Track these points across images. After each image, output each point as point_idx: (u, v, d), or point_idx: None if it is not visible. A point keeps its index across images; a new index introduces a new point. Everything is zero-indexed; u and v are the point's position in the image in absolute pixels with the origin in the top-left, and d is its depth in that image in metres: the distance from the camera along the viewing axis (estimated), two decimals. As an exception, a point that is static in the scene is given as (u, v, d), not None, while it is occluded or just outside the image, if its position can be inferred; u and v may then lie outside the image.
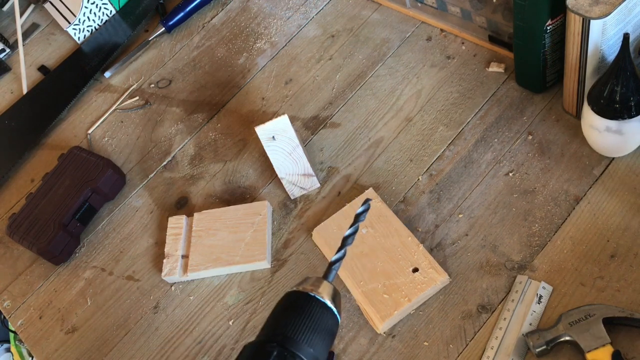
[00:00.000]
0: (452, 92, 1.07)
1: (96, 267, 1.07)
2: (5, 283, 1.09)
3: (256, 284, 0.98)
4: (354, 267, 0.93)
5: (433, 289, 0.89)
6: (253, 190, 1.07)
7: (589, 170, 0.94)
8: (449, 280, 0.90)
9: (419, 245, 0.92)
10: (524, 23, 0.92)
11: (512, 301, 0.86)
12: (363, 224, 0.95)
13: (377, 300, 0.89)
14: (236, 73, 1.21)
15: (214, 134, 1.15)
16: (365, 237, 0.94)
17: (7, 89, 1.35)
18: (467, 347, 0.86)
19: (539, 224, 0.92)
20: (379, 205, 0.97)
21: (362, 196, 0.98)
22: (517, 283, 0.87)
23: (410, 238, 0.93)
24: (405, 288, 0.89)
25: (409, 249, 0.92)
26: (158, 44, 1.31)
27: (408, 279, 0.90)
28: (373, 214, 0.96)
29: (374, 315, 0.89)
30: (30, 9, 1.46)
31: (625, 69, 0.83)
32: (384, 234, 0.94)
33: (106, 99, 1.26)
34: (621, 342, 0.80)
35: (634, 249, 0.87)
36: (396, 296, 0.89)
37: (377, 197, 0.97)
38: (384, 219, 0.95)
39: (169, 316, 0.99)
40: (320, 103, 1.13)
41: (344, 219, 0.97)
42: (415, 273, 0.90)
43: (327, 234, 0.97)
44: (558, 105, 1.01)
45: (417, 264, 0.91)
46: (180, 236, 1.02)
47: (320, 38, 1.20)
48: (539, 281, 0.86)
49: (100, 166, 1.10)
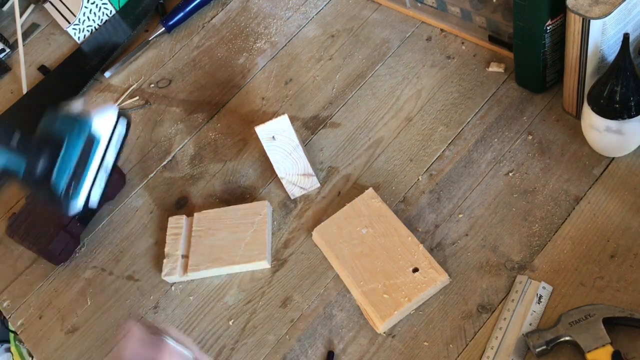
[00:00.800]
0: (452, 92, 1.07)
1: (96, 267, 1.07)
2: (5, 283, 1.09)
3: (256, 284, 0.98)
4: (354, 267, 0.93)
5: (433, 289, 0.89)
6: (253, 190, 1.07)
7: (589, 170, 0.94)
8: (449, 280, 0.90)
9: (419, 245, 0.92)
10: (524, 23, 0.92)
11: (512, 301, 0.86)
12: (363, 224, 0.95)
13: (377, 300, 0.89)
14: (236, 73, 1.21)
15: (214, 134, 1.15)
16: (365, 237, 0.94)
17: (7, 89, 1.35)
18: (467, 347, 0.86)
19: (539, 224, 0.92)
20: (379, 205, 0.97)
21: (362, 196, 0.98)
22: (517, 283, 0.87)
23: (410, 238, 0.93)
24: (406, 288, 0.89)
25: (409, 249, 0.92)
26: (158, 44, 1.31)
27: (408, 279, 0.90)
28: (373, 213, 0.96)
29: (374, 315, 0.89)
30: (30, 9, 1.46)
31: (625, 69, 0.83)
32: (383, 234, 0.94)
33: (106, 99, 1.26)
34: (621, 342, 0.80)
35: (634, 249, 0.87)
36: (396, 296, 0.89)
37: (377, 197, 0.97)
38: (384, 219, 0.95)
39: (169, 316, 0.99)
40: (320, 103, 1.13)
41: (344, 219, 0.97)
42: (416, 273, 0.90)
43: (327, 234, 0.97)
44: (558, 105, 1.01)
45: (417, 264, 0.91)
46: (180, 236, 1.02)
47: (320, 38, 1.20)
48: (539, 281, 0.86)
49: (100, 166, 1.09)
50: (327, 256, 0.97)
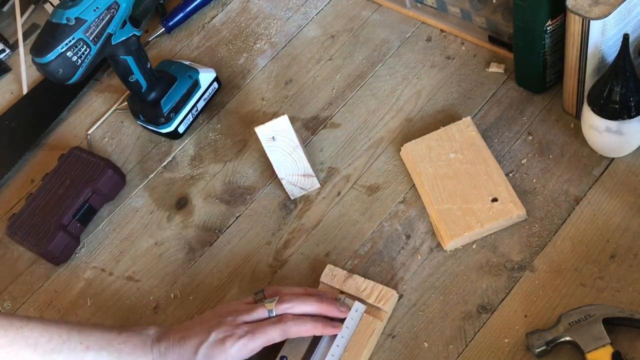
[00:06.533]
0: (452, 92, 1.07)
1: (96, 268, 1.07)
2: (5, 284, 1.09)
3: (256, 284, 0.98)
4: (435, 186, 0.95)
5: (507, 221, 0.91)
6: (253, 190, 1.07)
7: (589, 171, 0.94)
8: (525, 216, 0.91)
9: (504, 178, 0.93)
10: (524, 23, 0.92)
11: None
12: (452, 148, 0.97)
13: (450, 219, 0.92)
14: (236, 73, 1.21)
15: (214, 134, 1.15)
16: (452, 161, 0.96)
17: (7, 89, 1.35)
18: (467, 348, 0.86)
19: (539, 224, 0.92)
20: (473, 134, 0.98)
21: (458, 123, 0.99)
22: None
23: (497, 169, 0.94)
24: (480, 214, 0.91)
25: (493, 180, 0.94)
26: (158, 44, 1.31)
27: (485, 206, 0.92)
28: (465, 141, 0.98)
29: (444, 232, 0.91)
30: (30, 9, 1.46)
31: (625, 69, 0.83)
32: (471, 161, 0.96)
33: (106, 99, 1.26)
34: (621, 343, 0.80)
35: (634, 249, 0.87)
36: (470, 219, 0.91)
37: (473, 126, 0.99)
38: (474, 148, 0.97)
39: (169, 317, 0.99)
40: (320, 103, 1.13)
41: (435, 141, 0.99)
42: (494, 202, 0.92)
43: (415, 151, 0.99)
44: (558, 105, 1.01)
45: (498, 195, 0.92)
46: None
47: (320, 38, 1.20)
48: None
49: (100, 166, 1.10)
50: (411, 172, 0.99)
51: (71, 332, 0.82)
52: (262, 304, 0.86)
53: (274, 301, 0.86)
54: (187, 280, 1.01)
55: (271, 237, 1.02)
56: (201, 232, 1.05)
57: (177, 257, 1.04)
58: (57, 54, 0.95)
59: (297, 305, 0.86)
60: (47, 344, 0.81)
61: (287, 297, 0.87)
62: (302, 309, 0.86)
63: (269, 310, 0.85)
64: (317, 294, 0.89)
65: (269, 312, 0.85)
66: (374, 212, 0.99)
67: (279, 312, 0.85)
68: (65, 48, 0.95)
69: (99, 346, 0.82)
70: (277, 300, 0.86)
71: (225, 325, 0.84)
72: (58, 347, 0.81)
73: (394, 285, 0.92)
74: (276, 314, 0.85)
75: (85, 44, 0.97)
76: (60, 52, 0.95)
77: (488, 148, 0.97)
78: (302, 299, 0.87)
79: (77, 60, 0.97)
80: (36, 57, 0.95)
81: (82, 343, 0.82)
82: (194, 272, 1.02)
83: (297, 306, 0.86)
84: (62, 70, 0.97)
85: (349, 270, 0.94)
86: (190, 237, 1.05)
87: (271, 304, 0.85)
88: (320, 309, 0.86)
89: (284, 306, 0.85)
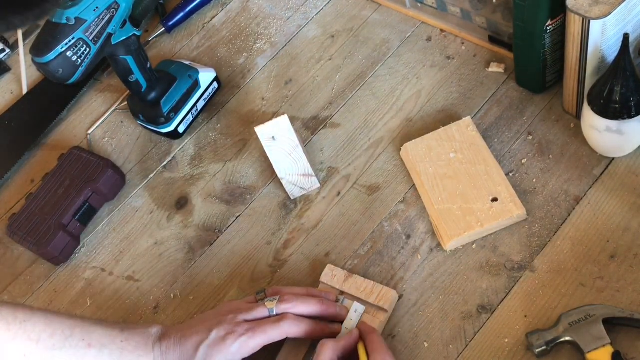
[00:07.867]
0: (452, 92, 1.07)
1: (96, 268, 1.07)
2: (5, 283, 1.09)
3: (256, 284, 0.98)
4: (435, 186, 0.95)
5: (507, 221, 0.91)
6: (253, 190, 1.07)
7: (589, 171, 0.94)
8: (525, 216, 0.91)
9: (504, 178, 0.93)
10: (524, 23, 0.92)
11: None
12: (452, 148, 0.97)
13: (450, 219, 0.92)
14: (236, 73, 1.21)
15: (214, 134, 1.15)
16: (452, 161, 0.96)
17: (7, 89, 1.35)
18: (467, 348, 0.86)
19: (539, 224, 0.92)
20: (473, 134, 0.98)
21: (458, 123, 0.99)
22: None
23: (497, 169, 0.94)
24: (480, 214, 0.91)
25: (493, 180, 0.94)
26: (158, 44, 1.31)
27: (485, 206, 0.92)
28: (465, 140, 0.98)
29: (444, 232, 0.91)
30: (30, 9, 1.46)
31: (625, 69, 0.83)
32: (471, 161, 0.96)
33: (106, 99, 1.26)
34: (621, 343, 0.80)
35: (634, 249, 0.87)
36: (470, 219, 0.91)
37: (473, 126, 0.99)
38: (474, 147, 0.97)
39: (169, 316, 0.99)
40: (320, 103, 1.13)
41: (435, 141, 0.99)
42: (494, 202, 0.92)
43: (416, 150, 0.99)
44: (558, 105, 1.01)
45: (498, 195, 0.92)
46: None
47: (320, 38, 1.20)
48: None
49: (100, 166, 1.10)
50: (411, 172, 0.99)
51: (74, 328, 0.83)
52: (262, 303, 0.86)
53: (274, 300, 0.86)
54: (187, 280, 1.01)
55: (271, 237, 1.02)
56: (201, 232, 1.05)
57: (177, 257, 1.04)
58: (57, 54, 0.95)
59: (297, 306, 0.86)
60: (49, 340, 0.81)
61: (288, 297, 0.87)
62: (303, 309, 0.86)
63: (270, 309, 0.85)
64: (318, 295, 0.89)
65: (269, 311, 0.85)
66: (374, 212, 0.99)
67: (280, 312, 0.85)
68: (65, 48, 0.95)
69: (101, 344, 0.82)
70: (278, 300, 0.86)
71: (226, 323, 0.84)
72: (60, 344, 0.81)
73: (394, 285, 0.92)
74: (277, 313, 0.85)
75: (85, 43, 0.97)
76: (60, 51, 0.95)
77: (488, 148, 0.97)
78: (303, 299, 0.87)
79: (77, 60, 0.97)
80: (36, 56, 0.95)
81: (85, 340, 0.82)
82: (194, 272, 1.02)
83: (298, 306, 0.86)
84: (62, 70, 0.97)
85: (349, 270, 0.94)
86: (190, 237, 1.05)
87: (272, 303, 0.85)
88: (321, 310, 0.86)
89: (284, 306, 0.85)
